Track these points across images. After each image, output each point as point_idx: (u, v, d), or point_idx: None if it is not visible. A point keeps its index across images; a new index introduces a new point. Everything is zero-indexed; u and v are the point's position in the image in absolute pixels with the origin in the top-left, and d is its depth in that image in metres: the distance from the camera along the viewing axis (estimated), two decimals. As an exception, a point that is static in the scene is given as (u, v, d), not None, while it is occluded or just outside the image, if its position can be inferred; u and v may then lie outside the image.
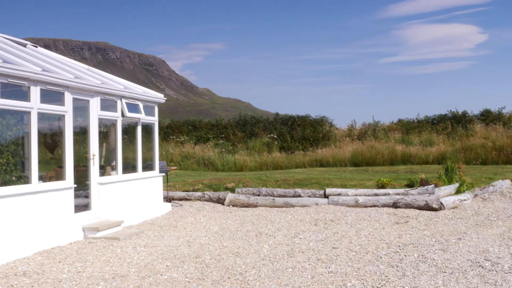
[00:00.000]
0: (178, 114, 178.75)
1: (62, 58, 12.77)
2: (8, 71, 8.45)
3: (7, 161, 8.76)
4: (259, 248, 9.24)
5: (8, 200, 8.58)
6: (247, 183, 16.72)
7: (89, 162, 10.91)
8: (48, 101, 9.60)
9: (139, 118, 12.68)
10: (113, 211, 11.40)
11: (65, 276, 7.44)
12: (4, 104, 8.52)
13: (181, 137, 30.81)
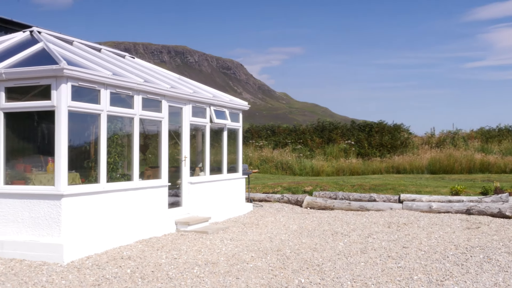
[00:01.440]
0: (255, 118, 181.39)
1: (156, 68, 14.26)
2: (117, 82, 9.90)
3: (113, 160, 10.21)
4: (335, 245, 10.26)
5: (114, 195, 10.03)
6: (324, 187, 17.71)
7: (181, 163, 12.28)
8: (147, 108, 11.01)
9: (225, 124, 13.99)
10: (201, 208, 12.72)
11: (163, 261, 8.74)
12: (114, 111, 9.97)
13: (260, 141, 32.12)
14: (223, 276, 7.82)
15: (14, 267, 8.28)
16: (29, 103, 9.46)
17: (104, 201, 9.74)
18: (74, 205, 9.04)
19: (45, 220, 8.88)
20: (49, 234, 8.85)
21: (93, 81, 9.35)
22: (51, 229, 8.84)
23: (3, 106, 9.25)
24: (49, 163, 10.56)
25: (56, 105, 8.84)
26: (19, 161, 10.07)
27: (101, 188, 9.68)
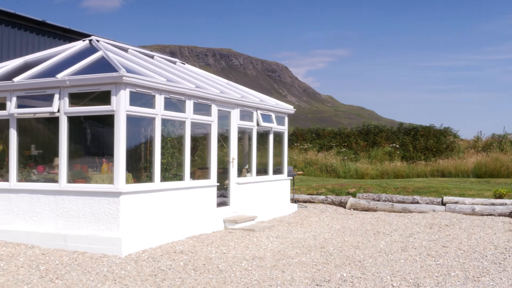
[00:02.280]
0: (299, 121, 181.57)
1: (205, 74, 14.98)
2: (171, 88, 10.63)
3: (167, 161, 10.95)
4: (376, 243, 10.75)
5: (167, 193, 10.76)
6: (368, 189, 18.13)
7: (229, 164, 12.95)
8: (197, 112, 11.71)
9: (271, 127, 14.61)
10: (247, 208, 13.36)
11: (213, 255, 9.40)
12: (168, 115, 10.71)
13: (304, 144, 32.64)
14: (269, 270, 8.42)
15: (77, 258, 9.06)
16: (91, 108, 10.29)
17: (158, 199, 10.48)
18: (131, 202, 9.80)
19: (105, 215, 9.66)
20: (109, 229, 9.62)
21: (149, 87, 10.11)
22: (110, 224, 9.61)
23: (66, 110, 10.07)
24: (104, 164, 11.39)
25: (115, 109, 9.61)
26: (76, 162, 10.88)
27: (156, 187, 10.43)
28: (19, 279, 7.69)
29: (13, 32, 13.42)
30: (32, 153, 11.82)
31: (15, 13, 13.28)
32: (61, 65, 10.90)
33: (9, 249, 9.65)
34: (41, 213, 10.26)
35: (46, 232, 9.99)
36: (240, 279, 7.86)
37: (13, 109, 10.56)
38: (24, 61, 12.09)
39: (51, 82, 10.06)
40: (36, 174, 11.03)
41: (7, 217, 10.62)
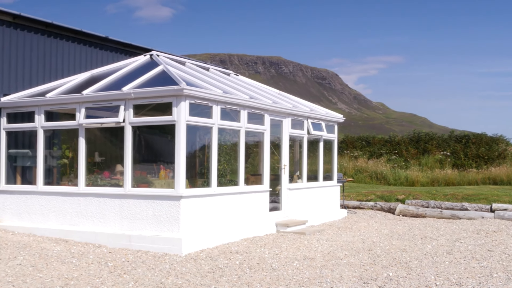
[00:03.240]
0: (350, 128, 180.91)
1: (257, 84, 15.75)
2: (227, 99, 11.42)
3: (223, 167, 11.73)
4: (423, 247, 11.24)
5: (223, 197, 11.53)
6: (417, 195, 18.52)
7: (281, 171, 13.65)
8: (251, 121, 12.46)
9: (321, 135, 15.25)
10: (298, 212, 14.02)
11: (267, 256, 10.09)
12: (224, 124, 11.51)
13: (354, 152, 33.05)
14: (319, 269, 9.05)
15: (141, 256, 9.89)
16: (153, 118, 11.17)
17: (214, 203, 11.26)
18: (190, 206, 10.60)
19: (166, 218, 10.49)
20: (170, 230, 10.44)
21: (207, 98, 10.92)
22: (171, 225, 10.43)
23: (131, 120, 10.96)
24: (161, 170, 12.27)
25: (176, 119, 10.44)
26: (136, 168, 11.76)
27: (213, 191, 11.22)
28: (91, 274, 8.54)
29: (79, 48, 14.48)
30: (95, 160, 12.81)
31: (81, 30, 14.33)
32: (125, 79, 11.84)
33: (79, 248, 10.57)
34: (107, 215, 11.17)
35: (112, 233, 10.89)
36: (292, 277, 8.52)
37: (82, 120, 11.52)
38: (90, 75, 13.11)
39: (117, 95, 10.98)
40: (102, 179, 11.98)
41: (76, 218, 11.57)
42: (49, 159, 12.64)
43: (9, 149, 12.83)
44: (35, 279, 8.11)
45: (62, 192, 11.84)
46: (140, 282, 8.06)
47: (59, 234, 11.50)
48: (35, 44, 13.46)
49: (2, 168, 12.71)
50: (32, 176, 12.79)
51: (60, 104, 11.98)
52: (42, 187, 12.13)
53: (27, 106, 12.39)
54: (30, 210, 12.21)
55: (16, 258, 9.46)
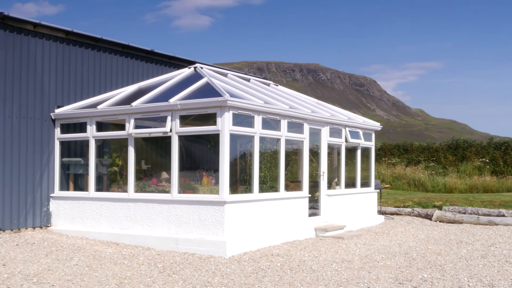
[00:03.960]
0: (388, 135, 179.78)
1: (296, 94, 16.30)
2: (268, 109, 12.01)
3: (264, 174, 12.29)
4: (458, 251, 11.59)
5: (264, 203, 12.09)
6: (454, 202, 18.77)
7: (319, 178, 14.14)
8: (291, 130, 13.01)
9: (359, 143, 15.71)
10: (336, 218, 14.49)
11: (306, 258, 10.59)
12: (265, 133, 12.10)
13: (392, 159, 33.26)
14: (357, 271, 9.52)
15: (188, 258, 10.50)
16: (198, 128, 11.84)
17: (256, 208, 11.83)
18: (234, 211, 11.19)
19: (211, 222, 11.09)
20: (214, 233, 11.04)
21: (249, 109, 11.52)
22: (216, 229, 11.02)
23: (178, 130, 11.62)
24: (204, 177, 12.89)
25: (220, 129, 11.06)
26: (181, 175, 12.38)
27: (254, 197, 11.79)
28: (142, 274, 9.18)
29: (126, 61, 15.24)
30: (142, 168, 13.51)
31: (128, 44, 15.10)
32: (171, 91, 12.52)
33: (129, 250, 11.24)
34: (155, 219, 11.84)
35: (160, 236, 11.55)
36: (331, 277, 9.01)
37: (131, 130, 12.24)
38: (138, 87, 13.86)
39: (164, 106, 11.66)
40: (150, 185, 12.67)
41: (126, 223, 12.27)
42: (100, 167, 13.39)
43: (62, 158, 13.62)
44: (92, 278, 8.79)
45: (112, 198, 12.56)
46: (188, 281, 8.65)
47: (110, 238, 12.21)
48: (86, 58, 14.27)
49: (56, 175, 13.51)
50: (83, 183, 13.56)
51: (111, 115, 12.73)
52: (94, 193, 12.88)
53: (80, 117, 13.17)
54: (82, 215, 12.96)
55: (72, 259, 10.17)
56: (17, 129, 12.77)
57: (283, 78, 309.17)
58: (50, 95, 13.47)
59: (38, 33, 13.27)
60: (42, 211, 13.27)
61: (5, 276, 8.78)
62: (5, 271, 9.11)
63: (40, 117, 13.27)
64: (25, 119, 12.92)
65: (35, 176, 13.13)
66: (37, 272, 9.12)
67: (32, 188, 13.08)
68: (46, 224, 13.37)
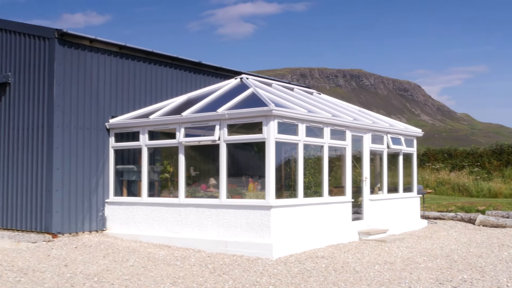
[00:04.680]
0: (433, 140, 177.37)
1: (339, 102, 16.73)
2: (311, 118, 12.51)
3: (308, 180, 12.78)
4: (499, 254, 11.84)
5: (309, 207, 12.57)
6: (498, 207, 18.86)
7: (362, 183, 14.54)
8: (334, 137, 13.45)
9: (400, 149, 16.04)
10: (379, 222, 14.84)
11: (350, 260, 11.02)
12: (308, 140, 12.61)
13: (436, 164, 33.26)
14: (399, 272, 9.90)
15: (237, 260, 11.05)
16: (245, 136, 12.41)
17: (301, 212, 12.31)
18: (280, 214, 11.70)
19: (258, 225, 11.62)
20: (261, 236, 11.57)
21: (293, 118, 12.04)
22: (262, 232, 11.55)
23: (226, 138, 12.21)
24: (250, 183, 13.42)
25: (266, 137, 11.60)
26: (228, 181, 12.93)
27: (299, 202, 12.28)
28: (194, 274, 9.76)
29: (175, 72, 15.94)
30: (191, 174, 14.15)
31: (177, 56, 15.82)
32: (219, 101, 13.14)
33: (181, 252, 11.86)
34: (205, 223, 12.44)
35: (209, 239, 12.14)
36: (373, 278, 9.42)
37: (181, 138, 12.88)
38: (187, 97, 14.53)
39: (213, 116, 12.27)
40: (199, 191, 13.29)
41: (177, 226, 12.91)
42: (151, 174, 14.07)
43: (116, 165, 14.37)
44: (148, 277, 9.41)
45: (164, 203, 13.23)
46: (238, 281, 9.19)
47: (162, 241, 12.87)
48: (138, 70, 15.02)
49: (111, 182, 14.25)
50: (136, 188, 14.27)
51: (162, 125, 13.42)
52: (147, 199, 13.57)
53: (133, 127, 13.90)
54: (135, 219, 13.66)
55: (128, 261, 10.84)
56: (74, 139, 13.55)
57: (326, 84, 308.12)
58: (105, 106, 14.24)
59: (93, 48, 14.06)
60: (98, 215, 14.02)
61: (68, 276, 9.48)
62: (67, 271, 9.82)
63: (96, 127, 14.04)
64: (82, 129, 13.71)
65: (91, 182, 13.89)
66: (97, 272, 9.80)
67: (89, 194, 13.84)
68: (102, 228, 14.11)
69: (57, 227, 13.07)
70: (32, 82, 13.72)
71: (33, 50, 13.77)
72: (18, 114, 13.98)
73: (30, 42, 13.88)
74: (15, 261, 10.62)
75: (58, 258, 10.96)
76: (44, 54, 13.49)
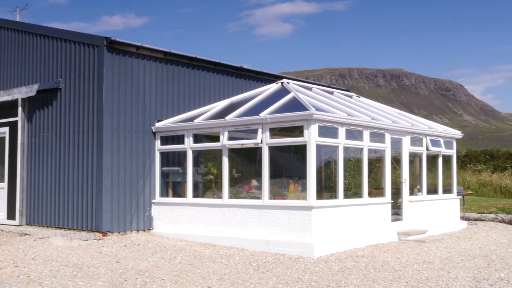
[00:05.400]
0: (477, 140, 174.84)
1: (378, 105, 17.15)
2: (351, 121, 13.00)
3: (348, 181, 13.26)
4: (538, 254, 12.13)
5: (349, 208, 13.04)
6: (539, 208, 18.99)
7: (401, 184, 14.94)
8: (373, 139, 13.90)
9: (440, 151, 16.39)
10: (418, 223, 15.22)
11: (389, 259, 11.45)
12: (348, 143, 13.12)
13: (478, 166, 33.23)
14: (437, 271, 10.31)
15: (279, 258, 11.59)
16: (287, 139, 12.96)
17: (341, 213, 12.80)
18: (321, 215, 12.21)
19: (300, 225, 12.15)
20: (303, 236, 12.09)
21: (333, 121, 12.54)
22: (304, 232, 12.08)
23: (268, 141, 12.79)
24: (291, 184, 13.95)
25: (307, 140, 12.13)
26: (269, 182, 13.47)
27: (339, 203, 12.78)
28: (239, 271, 10.35)
29: (218, 77, 16.60)
30: (233, 176, 14.75)
31: (220, 62, 16.48)
32: (261, 105, 13.72)
33: (225, 251, 12.47)
34: (248, 223, 13.02)
35: (252, 238, 12.72)
36: (412, 276, 9.87)
37: (225, 141, 13.51)
38: (230, 102, 15.16)
39: (255, 120, 12.86)
40: (242, 192, 13.88)
41: (221, 226, 13.53)
42: (196, 175, 14.73)
43: (162, 167, 15.07)
44: (195, 274, 10.03)
45: (208, 204, 13.87)
46: (281, 278, 9.74)
47: (206, 240, 13.51)
48: (182, 75, 15.71)
49: (157, 183, 14.96)
50: (181, 189, 14.95)
51: (206, 128, 14.07)
52: (192, 200, 14.23)
53: (178, 130, 14.58)
54: (181, 219, 14.33)
55: (176, 258, 11.49)
56: (123, 142, 14.30)
57: (365, 84, 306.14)
58: (150, 110, 14.95)
59: (140, 55, 14.79)
60: (144, 215, 14.74)
61: (121, 271, 10.17)
62: (119, 267, 10.51)
63: (143, 130, 14.77)
64: (129, 132, 14.45)
65: (139, 184, 14.62)
66: (147, 268, 10.47)
67: (136, 194, 14.57)
68: (149, 228, 14.83)
69: (107, 226, 13.82)
70: (82, 88, 14.51)
71: (83, 57, 14.57)
72: (69, 118, 14.80)
73: (80, 50, 14.69)
74: (70, 258, 11.37)
75: (109, 255, 11.67)
76: (94, 61, 14.28)
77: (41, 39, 15.80)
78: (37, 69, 15.89)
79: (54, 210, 15.07)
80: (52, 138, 15.28)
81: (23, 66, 16.36)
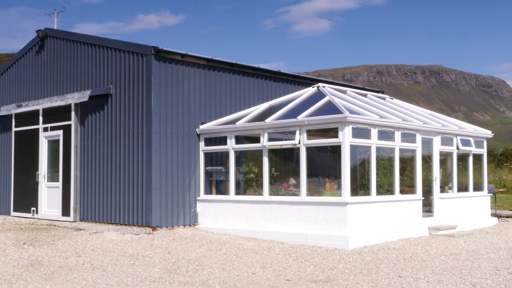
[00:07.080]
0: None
1: (410, 107, 18.24)
2: (383, 123, 14.16)
3: (380, 179, 14.41)
4: (561, 248, 13.10)
5: (381, 204, 14.20)
6: None
7: (432, 182, 16.01)
8: (404, 139, 15.01)
9: (470, 150, 17.41)
10: (449, 218, 16.26)
11: (418, 252, 12.58)
12: (381, 143, 14.26)
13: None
14: (462, 261, 11.41)
15: (316, 250, 12.82)
16: (323, 140, 14.19)
17: (374, 209, 13.97)
18: (354, 210, 13.40)
19: (335, 220, 13.36)
20: (338, 230, 13.30)
21: (366, 123, 13.72)
22: (339, 226, 13.28)
23: (305, 142, 14.03)
24: (327, 183, 15.13)
25: (341, 141, 13.34)
26: (307, 181, 14.66)
27: (372, 199, 13.95)
28: (280, 261, 11.61)
29: (257, 82, 17.90)
30: (273, 174, 16.00)
31: (258, 67, 17.78)
32: (298, 108, 14.97)
33: (266, 244, 13.74)
34: (287, 218, 14.28)
35: (291, 232, 13.98)
36: (438, 265, 11.00)
37: (265, 142, 14.79)
38: (269, 105, 16.45)
39: (293, 122, 14.12)
40: (281, 190, 15.15)
41: (262, 221, 14.82)
42: (237, 174, 16.04)
43: (206, 167, 16.42)
44: (240, 263, 11.32)
45: (250, 200, 15.17)
46: (318, 266, 10.97)
47: (248, 234, 14.81)
48: (223, 81, 17.05)
49: (201, 181, 16.32)
50: (224, 187, 16.28)
51: (248, 130, 15.38)
52: (234, 197, 15.55)
53: (221, 132, 15.91)
54: (224, 215, 15.66)
55: (221, 250, 12.81)
56: (170, 143, 15.69)
57: (404, 81, 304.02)
58: (195, 114, 16.32)
59: (184, 62, 16.16)
60: (190, 212, 16.11)
61: (173, 261, 11.52)
62: (171, 257, 11.86)
63: (188, 133, 16.14)
64: (176, 134, 15.83)
65: (185, 182, 15.99)
66: (196, 258, 11.80)
67: (183, 192, 15.95)
68: (194, 223, 16.19)
69: (156, 221, 15.23)
70: (132, 93, 15.95)
71: (132, 65, 16.00)
72: (119, 121, 16.25)
73: (129, 58, 16.12)
74: (125, 249, 12.77)
75: (161, 247, 13.04)
76: (142, 69, 15.69)
77: (93, 48, 17.29)
78: (89, 76, 17.39)
79: (105, 207, 16.55)
80: (103, 140, 16.75)
81: (76, 73, 17.89)
